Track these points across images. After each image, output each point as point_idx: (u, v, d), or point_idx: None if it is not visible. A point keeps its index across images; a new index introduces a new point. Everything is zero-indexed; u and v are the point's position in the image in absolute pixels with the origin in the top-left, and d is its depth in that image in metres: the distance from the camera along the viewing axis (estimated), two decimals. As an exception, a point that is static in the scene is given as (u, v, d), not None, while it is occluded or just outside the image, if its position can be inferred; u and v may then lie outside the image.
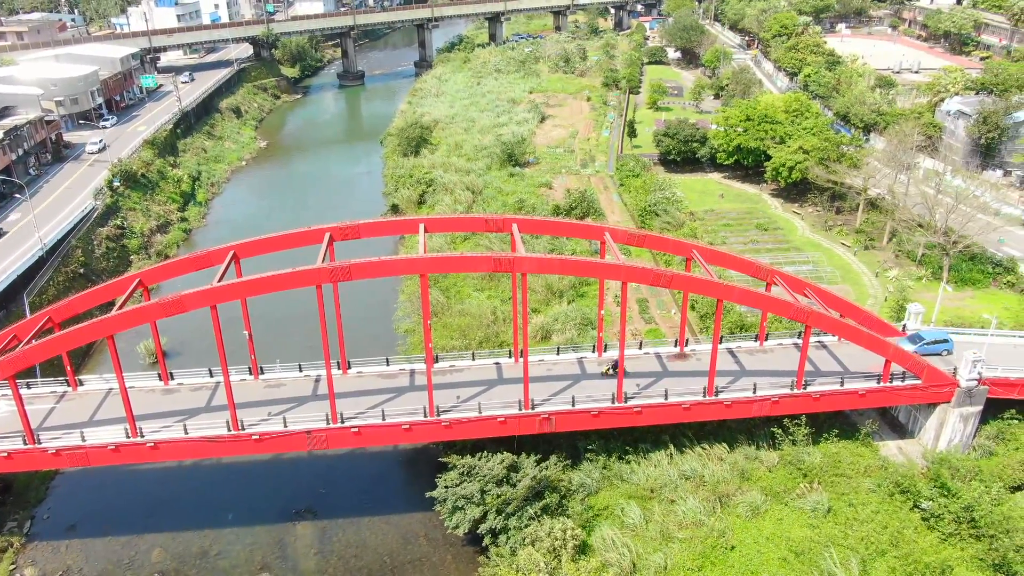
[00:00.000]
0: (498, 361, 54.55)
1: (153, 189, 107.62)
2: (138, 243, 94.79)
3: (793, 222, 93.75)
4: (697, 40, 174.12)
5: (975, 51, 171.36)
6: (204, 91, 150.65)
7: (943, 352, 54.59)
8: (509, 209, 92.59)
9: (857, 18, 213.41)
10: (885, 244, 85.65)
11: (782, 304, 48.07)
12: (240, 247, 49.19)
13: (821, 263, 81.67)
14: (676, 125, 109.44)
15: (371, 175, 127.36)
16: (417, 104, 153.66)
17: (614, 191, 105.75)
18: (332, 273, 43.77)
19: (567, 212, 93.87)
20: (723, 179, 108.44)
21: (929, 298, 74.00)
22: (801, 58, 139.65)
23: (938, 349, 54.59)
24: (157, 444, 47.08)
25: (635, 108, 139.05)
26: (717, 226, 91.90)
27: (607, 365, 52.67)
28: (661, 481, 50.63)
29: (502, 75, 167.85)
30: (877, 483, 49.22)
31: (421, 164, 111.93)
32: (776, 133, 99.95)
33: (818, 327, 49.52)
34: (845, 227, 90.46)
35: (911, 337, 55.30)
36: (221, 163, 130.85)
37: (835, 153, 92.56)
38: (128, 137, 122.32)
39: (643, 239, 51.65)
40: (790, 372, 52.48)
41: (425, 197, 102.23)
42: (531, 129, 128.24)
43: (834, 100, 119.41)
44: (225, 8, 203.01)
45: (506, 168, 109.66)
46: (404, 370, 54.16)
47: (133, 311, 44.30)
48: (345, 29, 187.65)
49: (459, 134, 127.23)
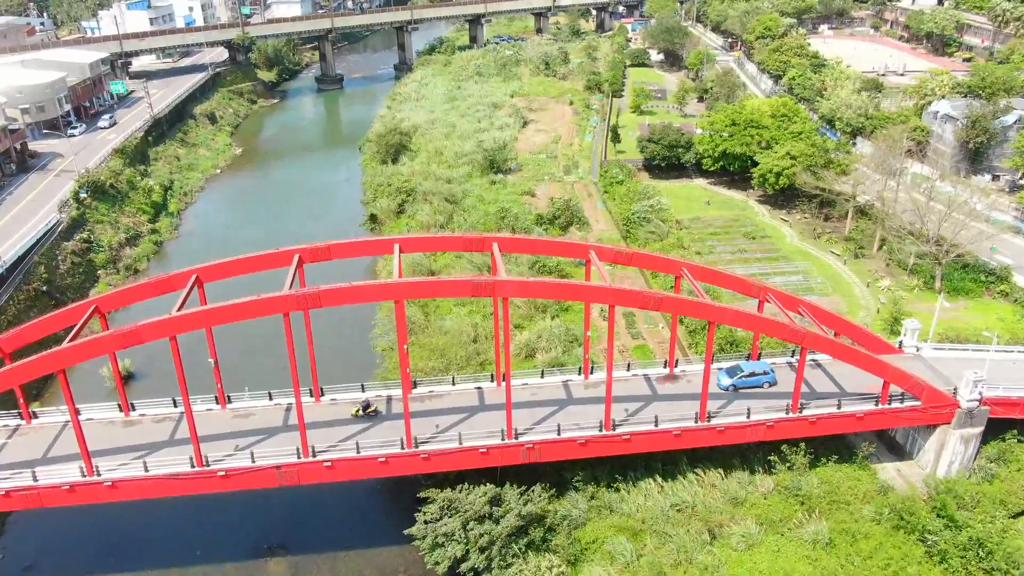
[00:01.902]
0: (480, 386, 51.94)
1: (122, 200, 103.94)
2: (106, 257, 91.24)
3: (781, 230, 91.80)
4: (680, 42, 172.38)
5: (958, 52, 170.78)
6: (177, 96, 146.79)
7: (765, 384, 51.11)
8: (491, 219, 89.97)
9: (839, 19, 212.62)
10: (875, 252, 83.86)
11: (777, 326, 45.81)
12: (203, 271, 46.23)
13: (811, 273, 79.72)
14: (660, 130, 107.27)
15: (350, 183, 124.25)
16: (396, 109, 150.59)
17: (598, 198, 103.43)
18: (300, 300, 40.98)
19: (550, 222, 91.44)
20: (709, 185, 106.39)
21: (923, 309, 72.25)
22: (785, 60, 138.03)
23: (758, 382, 51.02)
24: (115, 483, 44.04)
25: (618, 112, 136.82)
26: (704, 235, 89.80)
27: (358, 407, 48.67)
28: (652, 512, 48.22)
29: (483, 79, 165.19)
30: (878, 511, 47.08)
31: (400, 172, 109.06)
32: (763, 138, 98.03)
33: (814, 349, 47.36)
34: (834, 235, 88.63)
35: (729, 370, 51.66)
36: (195, 171, 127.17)
37: (823, 159, 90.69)
38: (98, 145, 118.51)
39: (630, 257, 49.23)
40: (785, 394, 50.27)
41: (404, 207, 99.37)
42: (513, 135, 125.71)
43: (819, 103, 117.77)
44: (199, 11, 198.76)
45: (488, 175, 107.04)
46: (380, 396, 51.40)
47: (86, 343, 41.25)
48: (323, 32, 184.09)
49: (439, 140, 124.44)
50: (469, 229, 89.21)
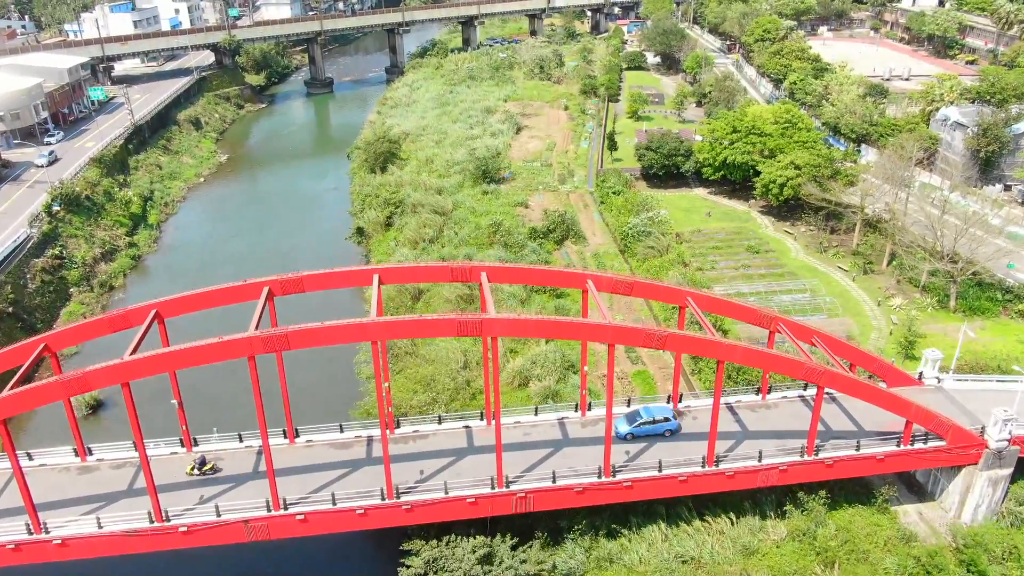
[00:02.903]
0: (468, 425, 47.95)
1: (98, 212, 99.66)
2: (79, 274, 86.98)
3: (786, 243, 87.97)
4: (677, 45, 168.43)
5: (960, 55, 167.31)
6: (160, 102, 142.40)
7: (666, 432, 46.31)
8: (483, 233, 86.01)
9: (838, 20, 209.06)
10: (885, 268, 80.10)
11: (792, 364, 41.95)
12: (163, 305, 42.14)
13: (818, 291, 75.85)
14: (659, 138, 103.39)
15: (339, 191, 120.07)
16: (387, 114, 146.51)
17: (595, 209, 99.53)
18: (267, 343, 36.97)
19: (545, 236, 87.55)
20: (709, 195, 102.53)
21: (937, 330, 68.55)
22: (786, 64, 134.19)
23: (658, 429, 46.17)
24: (65, 541, 39.91)
25: (615, 118, 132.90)
26: (705, 248, 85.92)
27: (193, 464, 44.01)
28: (654, 564, 44.31)
29: (476, 82, 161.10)
30: (902, 564, 43.24)
31: (388, 182, 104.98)
32: (765, 147, 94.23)
33: (832, 388, 43.52)
34: (841, 248, 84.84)
35: (628, 416, 46.82)
36: (177, 180, 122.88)
37: (829, 169, 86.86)
38: (75, 154, 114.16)
39: (631, 286, 45.31)
40: (798, 433, 46.40)
41: (393, 219, 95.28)
42: (506, 141, 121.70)
43: (823, 109, 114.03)
44: (186, 13, 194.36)
45: (479, 185, 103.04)
46: (361, 438, 47.38)
47: (28, 391, 37.15)
48: (311, 35, 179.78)
49: (430, 147, 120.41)
50: (460, 244, 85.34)
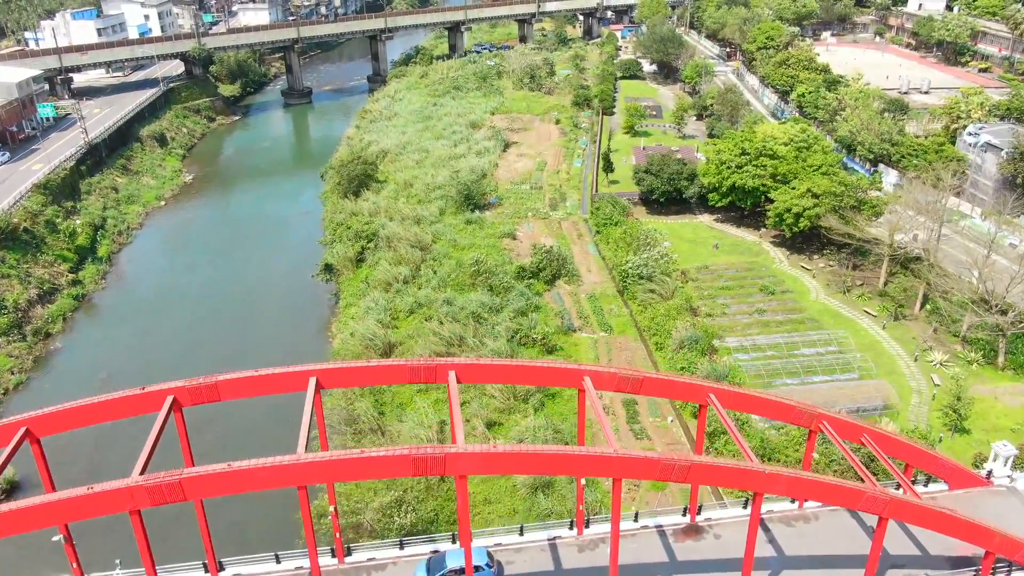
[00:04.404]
0: (437, 551, 38.40)
1: (38, 246, 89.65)
2: (8, 321, 76.95)
3: (803, 281, 78.81)
4: (675, 53, 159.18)
5: (972, 62, 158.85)
6: (121, 117, 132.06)
7: None
8: (464, 273, 76.49)
9: (840, 25, 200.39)
10: (918, 312, 71.03)
11: (850, 493, 32.54)
12: (36, 421, 32.34)
13: (846, 343, 66.63)
14: (659, 160, 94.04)
15: (312, 216, 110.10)
16: (365, 129, 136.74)
17: (589, 240, 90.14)
18: (154, 494, 27.33)
19: (534, 275, 78.08)
20: (715, 222, 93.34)
21: (985, 392, 59.49)
22: (793, 75, 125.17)
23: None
24: None
25: (610, 134, 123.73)
26: (714, 289, 76.70)
27: None
28: None
29: (461, 93, 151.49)
30: None
31: (362, 209, 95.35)
32: (778, 171, 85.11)
33: (900, 520, 34.19)
34: (866, 288, 75.77)
35: (430, 562, 35.19)
36: (135, 204, 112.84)
37: (852, 199, 77.65)
38: (20, 177, 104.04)
39: (640, 383, 35.90)
40: (848, 559, 37.02)
41: (365, 254, 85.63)
42: (493, 161, 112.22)
43: (837, 126, 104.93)
44: (156, 20, 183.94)
45: (463, 213, 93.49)
46: (304, 570, 37.73)
47: None
48: (288, 43, 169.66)
49: (410, 167, 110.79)
50: (439, 286, 75.85)
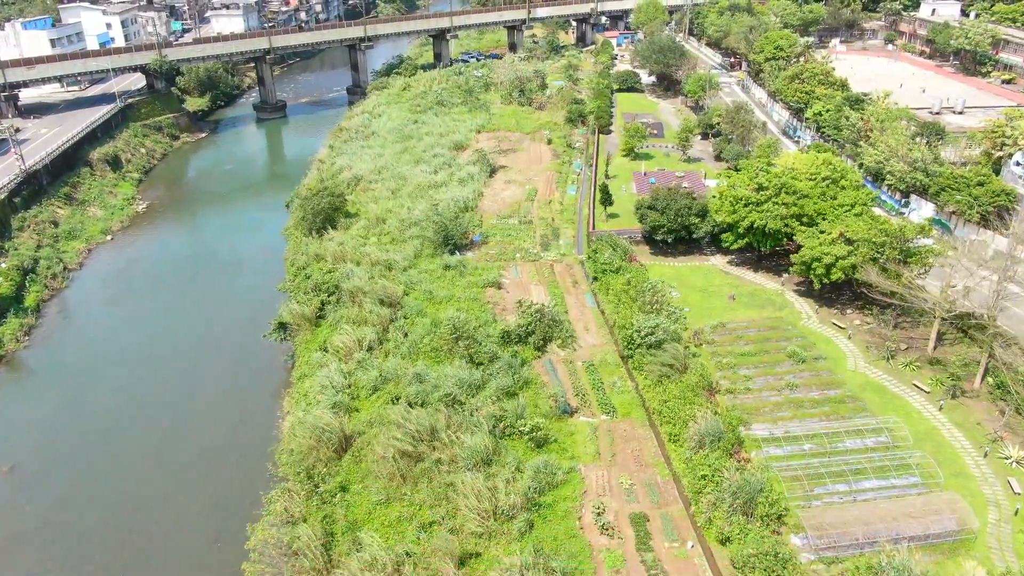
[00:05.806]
0: None
1: (-52, 300, 77.74)
2: (-102, 398, 65.10)
3: (837, 344, 67.10)
4: (676, 63, 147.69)
5: (994, 72, 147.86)
6: (68, 139, 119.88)
7: None
8: (440, 336, 64.62)
9: (848, 31, 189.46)
10: (979, 387, 59.57)
11: None
12: None
13: (899, 433, 54.99)
14: (665, 194, 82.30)
15: (275, 253, 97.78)
16: (339, 150, 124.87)
17: (586, 288, 78.45)
18: None
19: (522, 340, 66.30)
20: (729, 266, 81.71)
21: (1076, 500, 48.05)
22: (808, 90, 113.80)
23: None
24: None
25: (608, 157, 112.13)
26: (734, 356, 64.91)
27: None
28: None
29: (445, 109, 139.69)
30: None
31: (327, 251, 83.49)
32: (803, 211, 73.73)
33: None
34: (912, 352, 64.25)
35: None
36: (76, 240, 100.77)
37: (897, 250, 65.98)
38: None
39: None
40: None
41: (325, 311, 73.70)
42: (477, 190, 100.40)
43: (862, 151, 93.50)
44: (119, 28, 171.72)
45: (441, 255, 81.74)
46: None
47: None
48: (259, 53, 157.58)
49: (385, 198, 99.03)
50: (408, 354, 64.10)
